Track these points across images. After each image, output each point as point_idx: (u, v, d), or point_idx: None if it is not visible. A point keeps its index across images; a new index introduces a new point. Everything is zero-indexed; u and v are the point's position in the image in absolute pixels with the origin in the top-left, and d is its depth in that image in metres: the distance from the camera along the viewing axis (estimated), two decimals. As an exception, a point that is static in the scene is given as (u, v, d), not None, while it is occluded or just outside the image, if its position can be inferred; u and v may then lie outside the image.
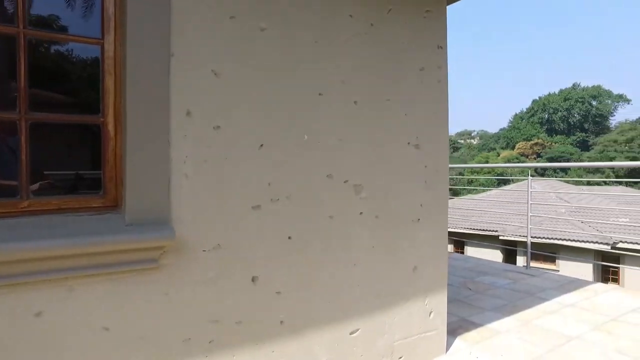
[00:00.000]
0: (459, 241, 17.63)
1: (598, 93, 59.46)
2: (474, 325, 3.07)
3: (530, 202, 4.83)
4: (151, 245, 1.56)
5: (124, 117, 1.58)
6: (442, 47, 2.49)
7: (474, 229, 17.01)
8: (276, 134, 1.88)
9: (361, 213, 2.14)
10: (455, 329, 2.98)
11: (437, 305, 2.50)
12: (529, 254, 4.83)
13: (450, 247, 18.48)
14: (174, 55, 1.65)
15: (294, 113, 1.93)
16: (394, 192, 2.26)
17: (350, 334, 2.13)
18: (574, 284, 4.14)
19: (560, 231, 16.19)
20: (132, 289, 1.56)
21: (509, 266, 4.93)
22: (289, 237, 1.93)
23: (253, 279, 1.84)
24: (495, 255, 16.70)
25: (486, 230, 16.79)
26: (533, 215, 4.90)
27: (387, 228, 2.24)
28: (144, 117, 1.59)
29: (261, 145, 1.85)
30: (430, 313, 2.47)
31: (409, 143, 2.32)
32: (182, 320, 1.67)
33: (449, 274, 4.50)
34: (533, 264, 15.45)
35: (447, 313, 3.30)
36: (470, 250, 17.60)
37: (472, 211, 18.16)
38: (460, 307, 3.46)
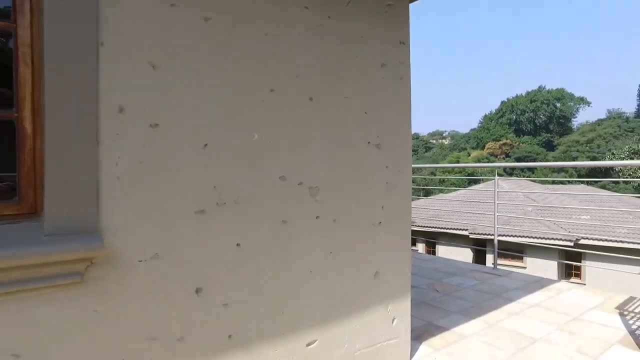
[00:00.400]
0: (431, 241, 17.86)
1: (561, 95, 61.78)
2: (440, 329, 3.00)
3: (497, 201, 4.84)
4: (74, 257, 1.38)
5: (43, 113, 1.40)
6: (404, 43, 2.40)
7: (444, 229, 17.23)
8: (222, 133, 1.73)
9: (317, 217, 2.01)
10: (421, 334, 2.90)
11: (400, 312, 2.40)
12: (495, 254, 4.84)
13: (422, 247, 18.69)
14: (103, 45, 1.47)
15: (242, 110, 1.79)
16: (353, 195, 2.15)
17: (307, 345, 2.00)
18: (538, 283, 4.15)
19: (528, 229, 16.62)
20: (51, 307, 1.37)
21: (477, 266, 4.93)
22: (238, 244, 1.78)
23: (197, 291, 1.68)
24: (466, 254, 16.98)
25: (457, 229, 17.04)
26: (500, 215, 4.92)
27: (346, 232, 2.12)
28: (68, 113, 1.41)
29: (205, 145, 1.69)
30: (394, 320, 2.37)
31: (369, 142, 2.21)
32: (114, 340, 1.50)
33: (417, 275, 4.45)
34: (502, 261, 15.80)
35: (414, 317, 3.23)
36: (442, 249, 17.84)
37: (443, 210, 18.42)
38: (427, 311, 3.39)
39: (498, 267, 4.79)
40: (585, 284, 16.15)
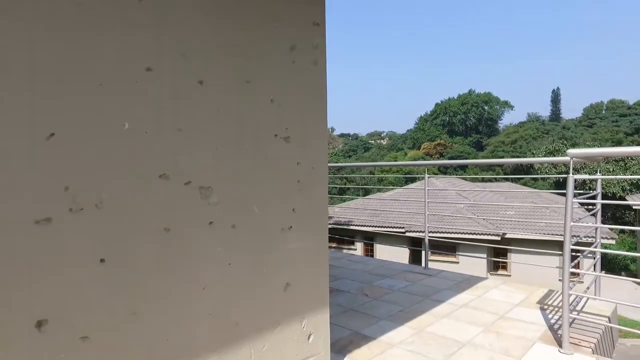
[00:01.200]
0: (368, 242, 18.07)
1: (489, 99, 66.05)
2: (366, 339, 2.78)
3: (427, 200, 4.78)
4: None
5: None
6: (319, 24, 2.14)
7: (382, 227, 17.49)
8: (77, 120, 1.35)
9: (211, 223, 1.69)
10: (345, 346, 2.67)
11: (317, 326, 2.14)
12: (426, 253, 4.77)
13: (360, 248, 18.86)
14: None
15: (106, 92, 1.42)
16: (256, 196, 1.84)
17: (201, 377, 1.67)
18: (467, 282, 4.11)
19: (460, 226, 17.33)
20: None
21: (408, 266, 4.83)
22: (102, 260, 1.41)
23: (39, 324, 1.29)
24: (404, 253, 17.34)
25: (394, 227, 17.38)
26: (430, 214, 4.87)
27: (249, 240, 1.82)
28: None
29: (51, 135, 1.31)
30: (310, 336, 2.10)
31: (276, 135, 1.92)
32: None
33: (347, 279, 4.25)
34: (437, 257, 16.32)
35: (339, 327, 2.99)
36: (380, 249, 18.10)
37: (380, 210, 18.69)
38: (355, 318, 3.17)
39: (431, 265, 4.73)
40: (510, 275, 17.17)
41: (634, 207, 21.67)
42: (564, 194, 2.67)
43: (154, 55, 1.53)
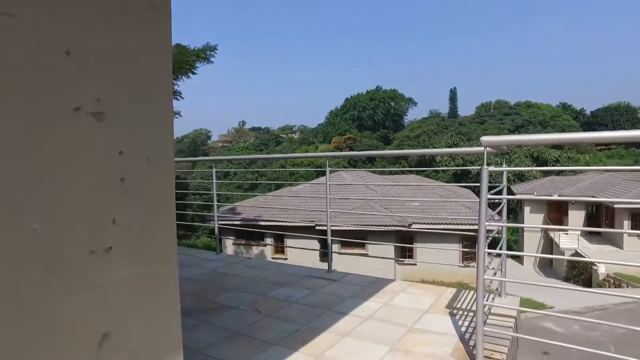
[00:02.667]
0: (279, 238, 17.57)
1: (394, 95, 69.44)
2: (249, 376, 2.20)
3: (329, 196, 4.33)
4: None
5: None
6: (159, -46, 1.47)
7: (292, 222, 17.08)
8: None
9: None
10: (220, 390, 2.06)
11: (164, 384, 1.50)
12: (330, 255, 4.32)
13: (271, 251, 18.28)
14: None
15: None
16: (39, 205, 1.14)
17: None
18: (373, 286, 3.73)
19: (369, 219, 17.58)
20: None
21: (310, 271, 4.33)
22: None
23: None
24: (317, 248, 17.14)
25: (304, 220, 17.08)
26: (332, 211, 4.44)
27: (25, 276, 1.11)
28: None
29: None
30: (151, 401, 1.45)
31: (78, 109, 1.23)
32: None
33: (239, 290, 3.64)
34: (347, 250, 16.38)
35: (216, 359, 2.37)
36: (292, 244, 17.71)
37: (289, 208, 18.28)
38: (239, 345, 2.57)
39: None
40: (416, 264, 17.93)
41: (516, 195, 24.07)
42: (471, 187, 2.35)
43: None
